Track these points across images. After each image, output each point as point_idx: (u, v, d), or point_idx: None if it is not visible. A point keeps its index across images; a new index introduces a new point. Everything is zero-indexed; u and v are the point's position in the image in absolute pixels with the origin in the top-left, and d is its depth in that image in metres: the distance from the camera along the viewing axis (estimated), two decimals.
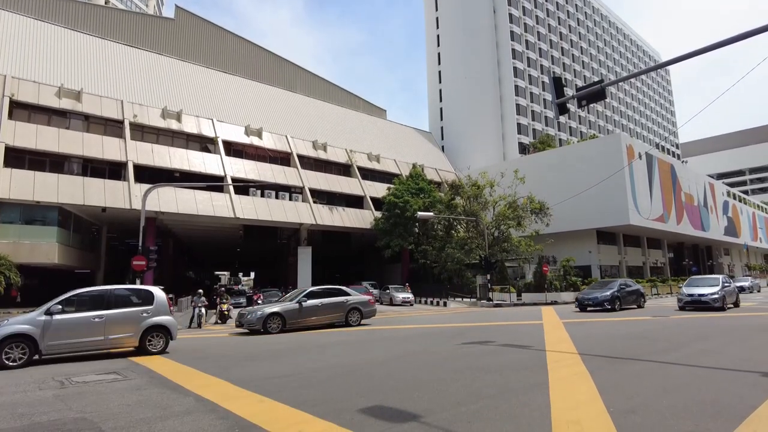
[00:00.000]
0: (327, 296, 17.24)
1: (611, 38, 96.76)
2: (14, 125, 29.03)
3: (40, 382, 7.89)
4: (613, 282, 24.07)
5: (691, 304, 20.21)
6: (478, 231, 37.87)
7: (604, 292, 22.32)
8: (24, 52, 33.30)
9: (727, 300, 20.40)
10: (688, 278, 24.66)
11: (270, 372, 8.64)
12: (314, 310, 16.59)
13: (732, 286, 22.07)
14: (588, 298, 22.49)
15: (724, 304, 19.99)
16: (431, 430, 4.85)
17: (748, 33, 8.76)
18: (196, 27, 47.04)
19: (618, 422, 4.88)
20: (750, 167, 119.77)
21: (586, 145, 51.72)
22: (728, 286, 21.33)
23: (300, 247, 40.18)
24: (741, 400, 5.72)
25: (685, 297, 20.63)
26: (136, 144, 33.63)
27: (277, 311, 15.81)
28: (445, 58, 75.69)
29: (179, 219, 34.27)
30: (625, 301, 22.96)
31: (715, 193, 63.29)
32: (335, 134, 49.18)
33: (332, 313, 17.01)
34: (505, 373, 7.88)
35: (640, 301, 24.34)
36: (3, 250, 24.93)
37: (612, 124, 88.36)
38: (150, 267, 20.11)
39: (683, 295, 20.92)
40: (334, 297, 17.34)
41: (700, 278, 22.89)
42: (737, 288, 23.46)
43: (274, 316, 15.63)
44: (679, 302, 21.17)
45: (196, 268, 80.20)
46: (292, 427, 5.04)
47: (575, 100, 11.48)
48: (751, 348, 10.14)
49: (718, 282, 20.87)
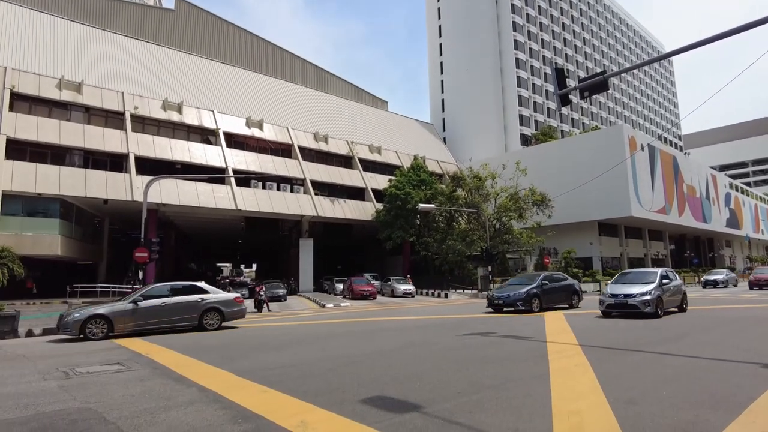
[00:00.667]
0: (176, 294, 14.42)
1: (614, 29, 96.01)
2: (15, 117, 29.02)
3: (44, 373, 7.95)
4: (537, 276, 19.85)
5: (615, 308, 15.12)
6: (479, 223, 37.88)
7: (520, 289, 18.22)
8: (24, 43, 33.19)
9: (665, 302, 15.14)
10: (618, 273, 19.35)
11: (273, 362, 8.69)
12: (155, 311, 13.74)
13: (675, 284, 16.29)
14: (499, 297, 18.55)
15: (659, 309, 14.75)
16: (432, 420, 4.88)
17: (752, 23, 8.69)
18: (197, 18, 46.78)
19: (618, 412, 4.91)
20: (753, 159, 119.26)
21: (588, 136, 51.55)
22: (669, 284, 15.79)
23: (301, 238, 40.26)
24: (741, 390, 5.75)
25: (607, 298, 15.45)
26: (137, 136, 33.62)
27: (102, 313, 13.14)
28: (446, 48, 75.23)
29: (181, 211, 34.33)
30: (550, 299, 18.73)
31: (717, 184, 63.12)
32: (336, 126, 49.05)
33: (180, 315, 14.21)
34: (505, 364, 7.92)
35: (573, 300, 19.76)
36: (6, 242, 25.02)
37: (614, 115, 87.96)
38: (152, 259, 20.15)
39: (606, 295, 15.68)
40: (184, 296, 14.51)
41: (633, 273, 17.39)
42: (681, 286, 17.01)
43: (96, 319, 12.89)
44: (600, 305, 15.73)
45: (198, 259, 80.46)
46: (294, 416, 5.08)
47: (577, 91, 11.41)
48: (750, 338, 10.16)
49: (655, 278, 15.51)
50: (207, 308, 14.69)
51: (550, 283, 19.12)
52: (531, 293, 17.99)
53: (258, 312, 22.48)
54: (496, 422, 4.74)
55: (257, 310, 22.76)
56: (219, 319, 14.86)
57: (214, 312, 14.81)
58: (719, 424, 4.53)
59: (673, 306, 16.09)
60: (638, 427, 4.48)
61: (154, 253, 19.86)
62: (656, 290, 14.90)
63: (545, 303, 18.36)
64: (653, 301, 14.57)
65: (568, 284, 20.24)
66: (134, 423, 4.99)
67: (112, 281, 32.38)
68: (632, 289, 15.05)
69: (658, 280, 15.33)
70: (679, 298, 16.34)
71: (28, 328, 14.13)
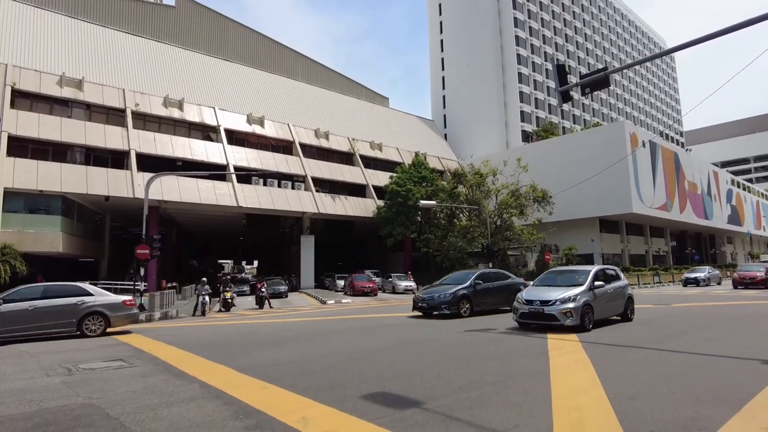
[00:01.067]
0: (50, 297, 12.49)
1: (616, 24, 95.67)
2: (16, 114, 29.03)
3: (47, 369, 7.99)
4: (470, 274, 16.97)
5: (530, 318, 11.70)
6: (480, 219, 37.87)
7: (448, 290, 15.74)
8: (25, 40, 33.17)
9: (597, 310, 11.60)
10: (544, 273, 14.85)
11: (274, 359, 8.73)
12: (20, 316, 11.83)
13: (614, 286, 12.79)
14: (424, 299, 16.07)
15: (587, 319, 11.20)
16: (433, 416, 4.91)
17: (754, 19, 8.66)
18: (197, 14, 46.71)
19: (618, 408, 4.93)
20: (755, 155, 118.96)
21: (590, 133, 51.46)
22: (603, 286, 12.24)
23: (303, 235, 40.30)
24: (741, 386, 5.77)
25: (521, 305, 11.97)
26: (138, 133, 33.62)
27: None
28: (447, 44, 75.02)
29: (182, 208, 34.36)
30: (485, 301, 16.17)
31: (719, 181, 63.01)
32: (337, 122, 49.02)
33: (53, 320, 12.27)
34: (506, 360, 7.95)
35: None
36: (8, 239, 25.07)
37: (616, 111, 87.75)
38: (153, 256, 20.23)
39: (520, 301, 12.10)
40: (59, 298, 12.57)
41: (559, 272, 13.84)
42: (625, 288, 13.38)
43: None
44: (514, 313, 12.35)
45: (200, 256, 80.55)
46: (296, 412, 5.11)
47: (579, 87, 11.41)
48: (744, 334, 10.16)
49: (585, 278, 12.00)
50: (88, 312, 12.76)
51: (484, 282, 16.39)
52: (459, 295, 15.44)
53: (259, 308, 22.54)
54: (496, 418, 4.76)
55: (259, 306, 22.83)
56: (102, 325, 12.95)
57: (97, 316, 12.89)
58: (719, 419, 4.55)
59: (613, 314, 12.72)
60: (638, 423, 4.50)
61: (155, 250, 19.93)
62: (583, 295, 11.34)
63: (478, 306, 15.83)
64: (578, 309, 11.01)
65: (508, 284, 17.23)
66: (137, 419, 5.02)
67: (114, 278, 32.44)
68: (552, 294, 11.58)
69: (588, 281, 11.84)
70: (622, 304, 12.95)
71: None
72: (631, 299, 13.43)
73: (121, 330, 13.84)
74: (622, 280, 13.59)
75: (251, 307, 23.74)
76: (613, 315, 12.78)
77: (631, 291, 13.64)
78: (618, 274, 13.79)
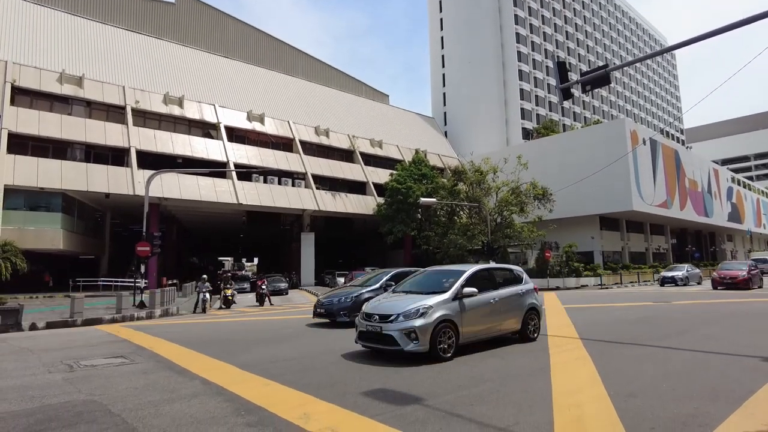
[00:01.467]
0: None
1: (616, 22, 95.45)
2: (17, 111, 29.03)
3: (49, 366, 8.01)
4: (383, 274, 14.80)
5: (368, 339, 8.26)
6: (480, 217, 37.86)
7: (350, 294, 13.72)
8: (25, 37, 33.14)
9: (462, 329, 8.04)
10: (420, 273, 10.58)
11: (275, 355, 8.74)
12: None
13: (504, 294, 9.11)
14: (323, 303, 13.95)
15: (442, 344, 7.69)
16: (434, 412, 4.93)
17: (755, 16, 8.65)
18: (197, 11, 46.65)
19: (618, 405, 4.94)
20: (755, 153, 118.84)
21: (590, 130, 51.39)
22: (478, 296, 8.42)
23: (303, 233, 40.33)
24: (740, 384, 5.79)
25: (360, 322, 8.47)
26: (139, 130, 33.61)
27: None
28: (448, 42, 74.86)
29: (182, 205, 34.39)
30: None
31: (719, 178, 62.95)
32: (337, 120, 48.98)
33: None
34: (506, 357, 7.96)
35: None
36: (8, 236, 25.10)
37: (616, 109, 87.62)
38: (154, 253, 20.25)
39: (360, 319, 8.56)
40: None
41: (434, 272, 10.00)
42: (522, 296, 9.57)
43: None
44: (356, 331, 8.67)
45: (200, 253, 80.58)
46: (297, 408, 5.13)
47: (579, 85, 11.39)
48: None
49: (453, 283, 8.42)
50: None
51: (394, 283, 12.86)
52: (361, 300, 12.65)
53: (260, 305, 22.58)
54: (497, 415, 4.78)
55: (259, 303, 22.87)
56: None
57: None
58: (719, 416, 4.57)
59: (503, 331, 9.00)
60: (639, 420, 4.52)
61: (156, 247, 19.94)
62: (440, 307, 7.80)
63: None
64: (426, 329, 7.48)
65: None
66: (139, 415, 5.04)
67: (115, 275, 32.51)
68: (400, 305, 8.00)
69: (455, 287, 8.19)
70: (518, 319, 9.21)
71: (32, 321, 14.21)
72: (535, 310, 9.61)
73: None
74: (522, 284, 9.67)
75: (252, 304, 23.78)
76: (502, 332, 8.99)
77: (536, 299, 9.79)
78: (518, 275, 9.93)
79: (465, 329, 8.04)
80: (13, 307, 13.62)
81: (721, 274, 25.17)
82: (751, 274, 24.36)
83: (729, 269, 25.64)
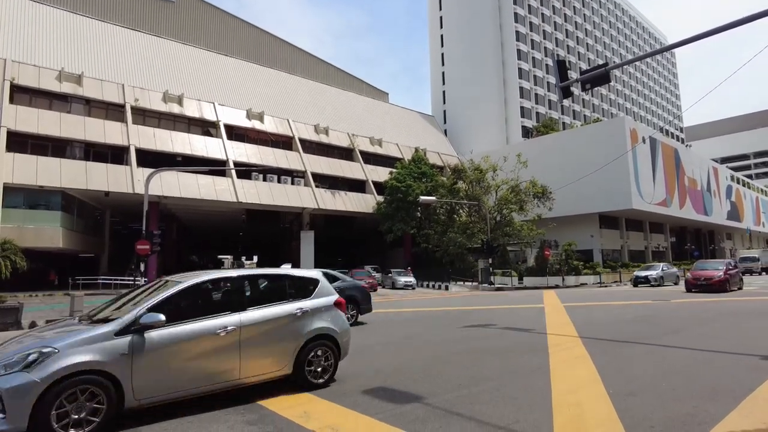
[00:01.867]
0: None
1: (616, 20, 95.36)
2: (16, 109, 28.98)
3: None
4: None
5: None
6: (480, 215, 37.92)
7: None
8: (24, 35, 33.07)
9: (135, 391, 4.64)
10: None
11: None
12: None
13: (261, 318, 5.64)
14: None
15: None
16: (434, 410, 4.94)
17: (755, 15, 8.65)
18: (197, 9, 46.60)
19: (618, 404, 4.95)
20: (754, 151, 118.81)
21: (590, 128, 51.45)
22: (189, 327, 5.10)
23: (303, 231, 40.33)
24: (739, 382, 5.80)
25: None
26: (138, 128, 33.57)
27: None
28: (448, 40, 74.79)
29: (182, 203, 34.37)
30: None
31: (718, 177, 63.02)
32: (337, 118, 48.94)
33: None
34: (506, 356, 7.97)
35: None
36: (8, 234, 25.05)
37: (616, 107, 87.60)
38: (154, 251, 20.25)
39: None
40: None
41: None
42: (309, 316, 6.11)
43: None
44: None
45: (200, 251, 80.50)
46: (297, 407, 5.14)
47: (579, 83, 11.38)
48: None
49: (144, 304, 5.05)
50: None
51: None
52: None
53: None
54: (497, 413, 4.79)
55: None
56: None
57: None
58: (718, 414, 4.58)
59: (245, 379, 5.50)
60: (638, 419, 4.52)
61: (155, 246, 19.94)
62: (76, 351, 4.44)
63: None
64: (24, 393, 4.10)
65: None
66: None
67: (114, 273, 32.49)
68: (14, 348, 4.61)
69: (130, 316, 4.87)
70: (284, 357, 5.82)
71: (31, 320, 14.21)
72: (329, 339, 6.26)
73: None
74: (307, 300, 6.28)
75: None
76: (245, 382, 5.51)
77: (334, 322, 6.38)
78: (303, 284, 6.55)
79: (140, 383, 4.71)
80: (13, 306, 13.60)
81: (696, 274, 22.49)
82: (728, 275, 21.91)
83: (703, 269, 22.95)
